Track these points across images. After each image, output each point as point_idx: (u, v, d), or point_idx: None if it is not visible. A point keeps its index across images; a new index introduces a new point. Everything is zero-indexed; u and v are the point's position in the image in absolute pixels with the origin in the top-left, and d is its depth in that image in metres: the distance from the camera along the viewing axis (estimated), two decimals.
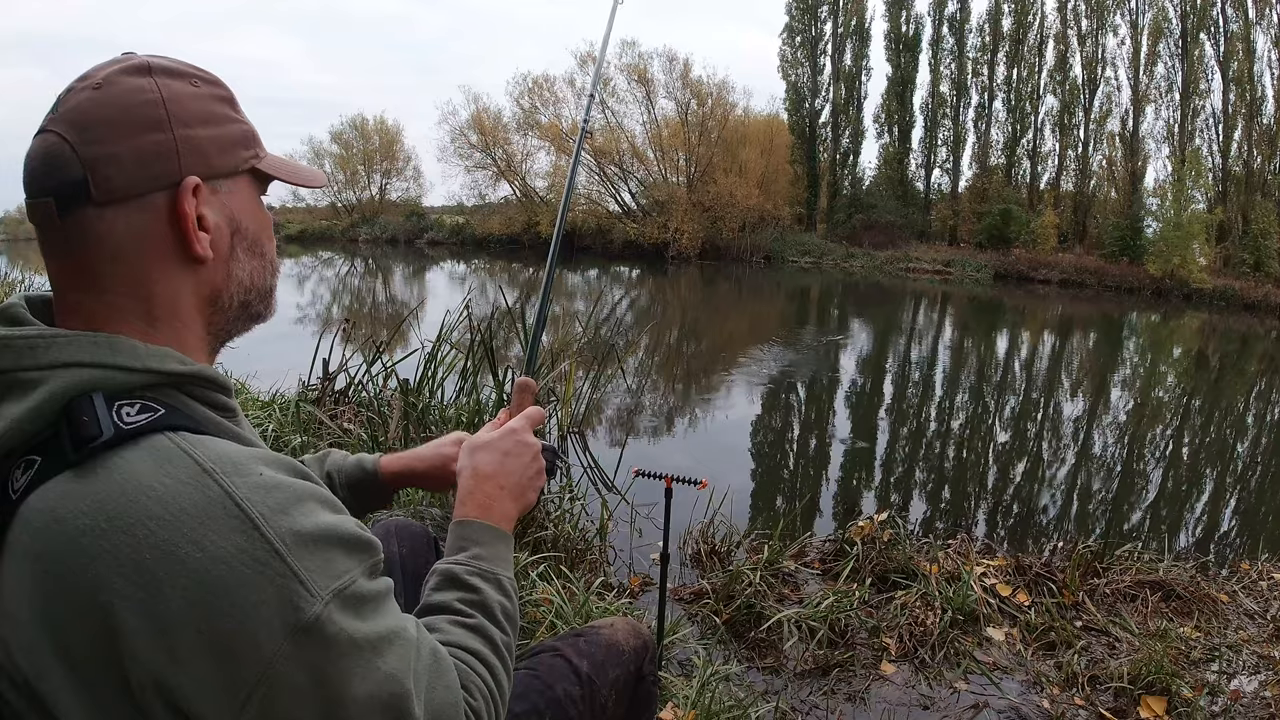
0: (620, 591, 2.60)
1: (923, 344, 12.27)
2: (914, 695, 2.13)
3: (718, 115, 31.87)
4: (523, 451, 0.82)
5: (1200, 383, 10.45)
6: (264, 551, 0.50)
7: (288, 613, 0.49)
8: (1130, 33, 30.00)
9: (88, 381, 0.54)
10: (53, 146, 0.56)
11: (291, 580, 0.50)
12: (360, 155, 39.51)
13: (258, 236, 0.66)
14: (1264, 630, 2.58)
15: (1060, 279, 25.90)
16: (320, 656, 0.51)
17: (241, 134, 0.65)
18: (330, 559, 0.53)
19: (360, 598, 0.54)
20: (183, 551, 0.48)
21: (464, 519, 0.77)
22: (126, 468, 0.51)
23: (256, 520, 0.50)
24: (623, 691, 0.99)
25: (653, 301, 17.56)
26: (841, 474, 5.11)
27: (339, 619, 0.51)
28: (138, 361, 0.56)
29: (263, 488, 0.52)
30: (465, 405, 3.67)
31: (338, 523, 0.55)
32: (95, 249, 0.57)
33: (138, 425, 0.53)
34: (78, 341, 0.55)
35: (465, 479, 0.80)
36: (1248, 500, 5.27)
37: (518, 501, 0.81)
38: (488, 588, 0.72)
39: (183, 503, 0.49)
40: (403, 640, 0.56)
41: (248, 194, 0.65)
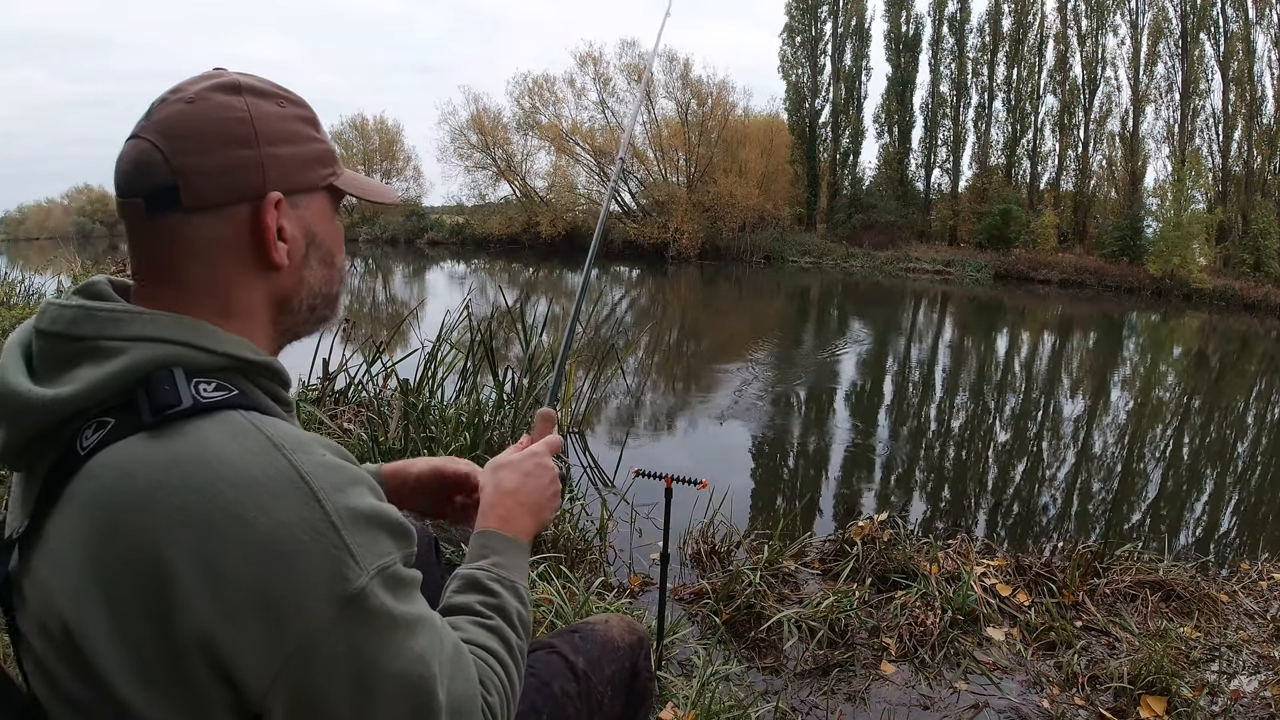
0: (620, 591, 2.60)
1: (923, 344, 12.28)
2: (914, 695, 2.13)
3: (718, 115, 31.87)
4: (542, 474, 0.87)
5: (1200, 383, 10.45)
6: (322, 523, 0.53)
7: (336, 582, 0.53)
8: (1130, 33, 30.01)
9: (169, 356, 0.58)
10: (145, 153, 0.60)
11: (344, 552, 0.53)
12: (360, 155, 39.54)
13: (330, 248, 0.71)
14: (1264, 630, 2.58)
15: (1060, 279, 25.89)
16: (360, 628, 0.54)
17: (320, 153, 0.69)
18: (376, 539, 0.56)
19: (399, 580, 0.57)
20: (249, 514, 0.52)
21: (486, 529, 0.82)
22: (202, 435, 0.54)
23: (318, 493, 0.54)
24: (619, 687, 1.00)
25: (652, 301, 17.56)
26: (841, 474, 5.11)
27: (380, 595, 0.55)
28: (217, 345, 0.60)
29: (324, 466, 0.56)
30: (465, 405, 3.66)
31: (385, 508, 0.59)
32: (178, 249, 0.62)
33: (214, 400, 0.57)
34: (161, 320, 0.60)
35: (488, 494, 0.85)
36: (1248, 500, 5.27)
37: (535, 518, 0.85)
38: (506, 594, 0.75)
39: (253, 471, 0.53)
40: (431, 627, 0.60)
41: (323, 209, 0.70)
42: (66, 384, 0.57)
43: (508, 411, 3.67)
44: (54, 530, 0.55)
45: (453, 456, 1.07)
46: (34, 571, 0.56)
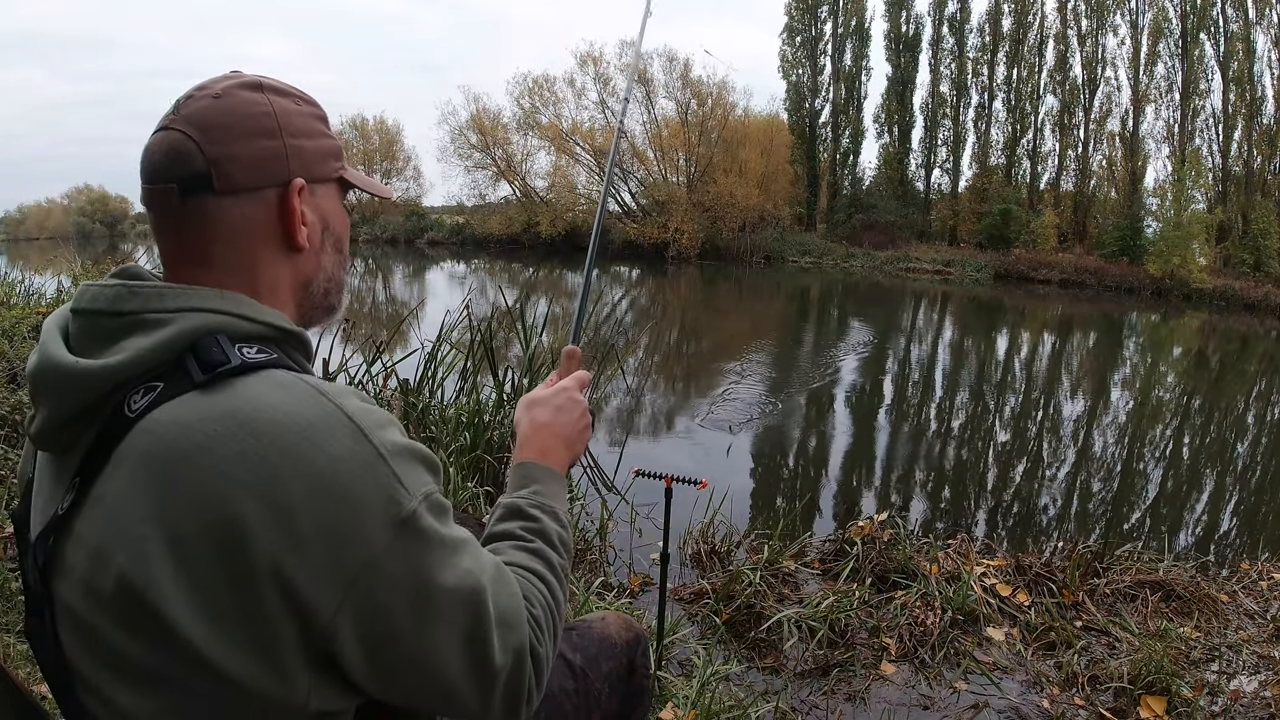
0: (620, 591, 2.60)
1: (923, 344, 12.27)
2: (914, 695, 2.13)
3: (718, 115, 31.86)
4: (573, 407, 0.91)
5: (1200, 383, 10.45)
6: (372, 455, 0.58)
7: (391, 507, 0.57)
8: (1130, 33, 29.99)
9: (215, 324, 0.62)
10: (178, 142, 0.64)
11: (394, 480, 0.58)
12: (360, 155, 39.49)
13: (341, 235, 0.77)
14: (1264, 630, 2.58)
15: (1060, 279, 25.88)
16: (415, 548, 0.58)
17: (332, 147, 0.75)
18: (417, 469, 0.61)
19: (441, 506, 0.62)
20: (305, 451, 0.56)
21: (523, 461, 0.86)
22: (251, 389, 0.58)
23: (365, 430, 0.58)
24: (616, 684, 1.02)
25: (652, 301, 17.56)
26: (841, 474, 5.11)
27: (429, 518, 0.60)
28: (259, 315, 0.65)
29: (365, 409, 0.60)
30: (465, 405, 3.66)
31: (418, 444, 0.64)
32: (210, 231, 0.66)
33: (260, 360, 0.61)
34: (205, 292, 0.64)
35: (524, 428, 0.89)
36: (1248, 500, 5.27)
37: (570, 450, 0.89)
38: (545, 518, 0.80)
39: (305, 413, 0.57)
40: (473, 546, 0.64)
41: (335, 199, 0.76)
42: (115, 354, 0.60)
43: (508, 411, 3.67)
44: (104, 493, 0.57)
45: None
46: (79, 538, 0.58)
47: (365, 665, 0.58)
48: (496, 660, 0.62)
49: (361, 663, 0.58)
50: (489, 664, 0.61)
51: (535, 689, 0.66)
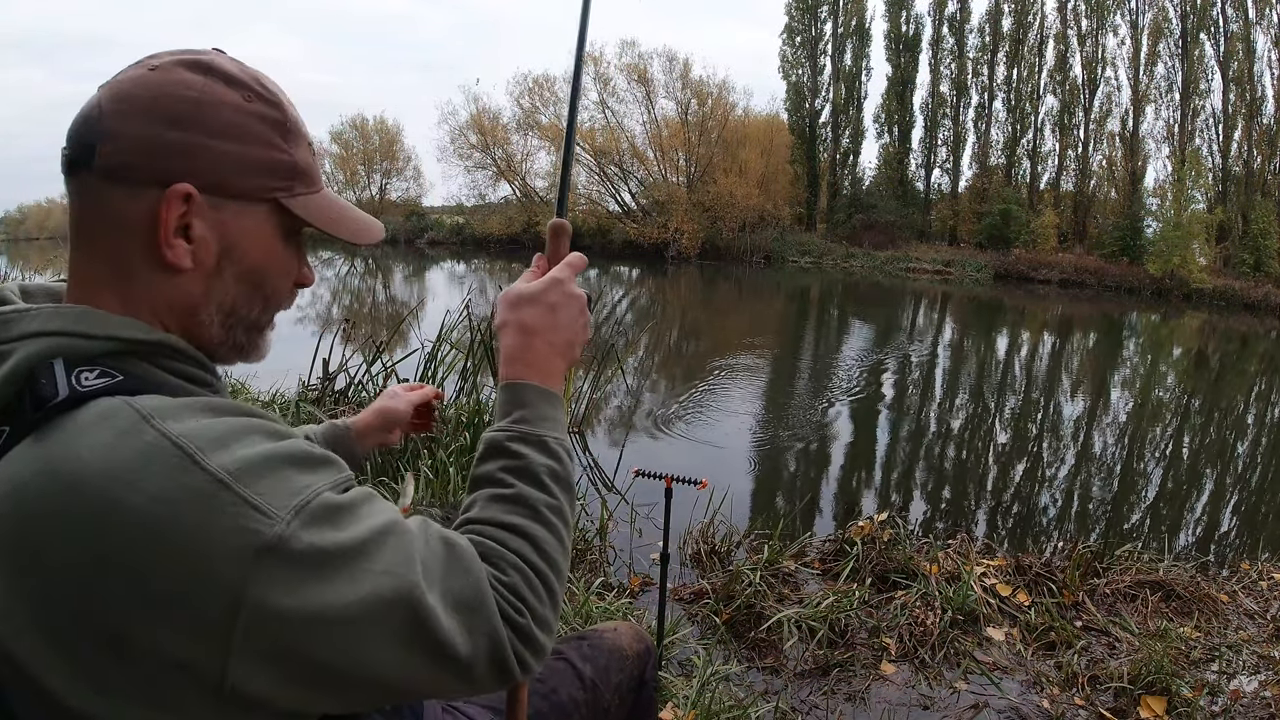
0: (620, 591, 2.60)
1: (922, 344, 12.27)
2: (914, 695, 2.13)
3: (718, 115, 31.88)
4: (569, 303, 0.75)
5: (1200, 383, 10.45)
6: (205, 484, 0.49)
7: (243, 537, 0.48)
8: (1130, 33, 30.03)
9: (51, 349, 0.55)
10: (90, 107, 0.58)
11: (242, 505, 0.49)
12: (360, 155, 39.55)
13: (258, 268, 0.63)
14: (1264, 630, 2.58)
15: (1060, 279, 25.90)
16: (295, 574, 0.49)
17: (273, 162, 0.62)
18: (283, 479, 0.52)
19: (331, 508, 0.53)
20: (127, 499, 0.48)
21: (510, 380, 0.72)
22: (75, 428, 0.51)
23: (196, 454, 0.49)
24: (625, 696, 1.00)
25: (653, 301, 17.56)
26: (841, 474, 5.11)
27: (306, 534, 0.50)
28: (99, 329, 0.56)
29: (200, 427, 0.52)
30: (465, 405, 3.66)
31: (285, 445, 0.54)
32: (86, 211, 0.59)
33: (92, 388, 0.53)
34: (43, 313, 0.56)
35: (510, 336, 0.74)
36: (1248, 500, 5.27)
37: (565, 357, 0.75)
38: (531, 451, 0.68)
39: (123, 452, 0.49)
40: (395, 535, 0.55)
41: (261, 225, 0.62)
42: None
43: None
44: None
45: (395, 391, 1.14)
46: None
47: (299, 701, 0.52)
48: (461, 650, 0.55)
49: (293, 700, 0.52)
50: (452, 655, 0.54)
51: (531, 654, 0.59)
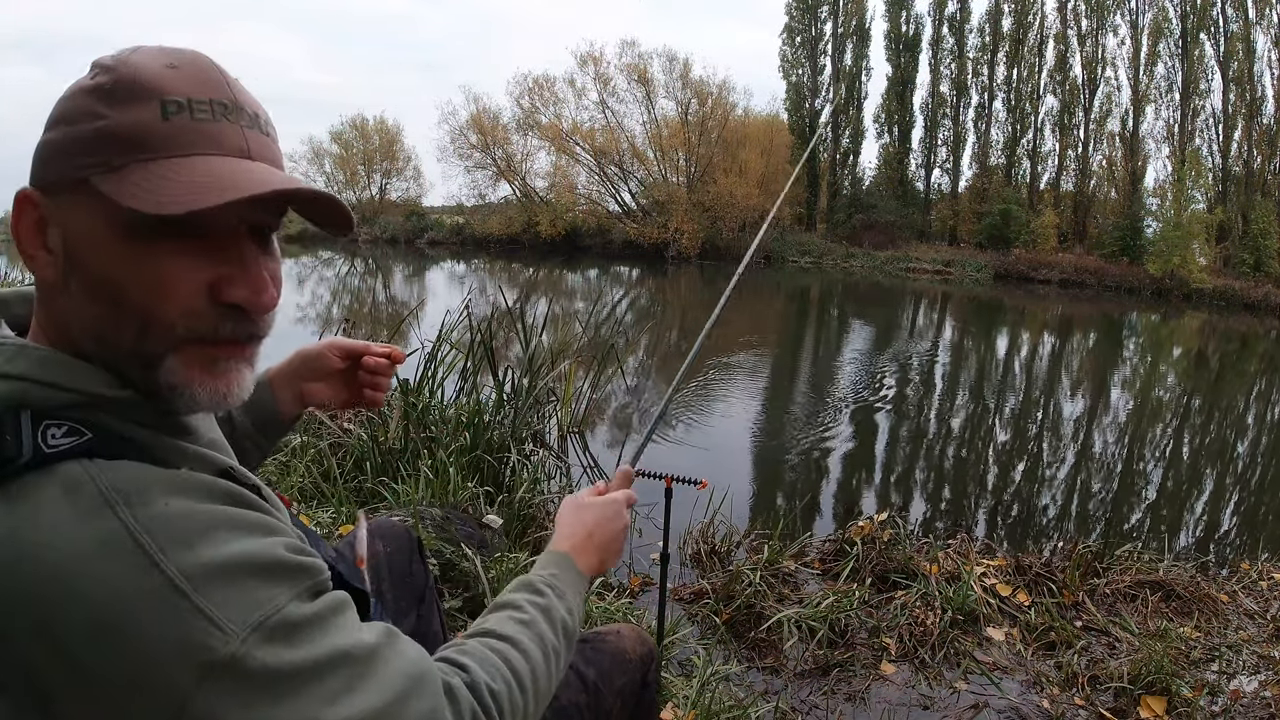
0: (620, 591, 2.60)
1: (922, 344, 12.27)
2: (914, 695, 2.13)
3: (718, 115, 31.90)
4: (618, 519, 0.90)
5: (1200, 383, 10.45)
6: (164, 588, 0.46)
7: (197, 652, 0.46)
8: (1130, 33, 30.04)
9: (14, 395, 0.51)
10: None
11: (197, 618, 0.46)
12: (360, 155, 39.51)
13: (106, 278, 0.53)
14: (1264, 630, 2.58)
15: (1060, 279, 25.91)
16: (243, 693, 0.46)
17: (90, 135, 0.52)
18: (246, 590, 0.48)
19: (291, 625, 0.49)
20: (82, 587, 0.45)
21: (557, 550, 0.84)
22: (35, 496, 0.48)
23: (154, 554, 0.46)
24: (628, 699, 0.99)
25: (653, 301, 17.56)
26: (841, 474, 5.11)
27: (261, 653, 0.47)
28: (63, 379, 0.52)
29: (165, 518, 0.48)
30: (465, 405, 3.66)
31: (258, 549, 0.50)
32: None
33: (58, 449, 0.49)
34: (7, 351, 0.52)
35: (568, 525, 0.87)
36: (1248, 500, 5.27)
37: (600, 558, 0.87)
38: (554, 597, 0.76)
39: (82, 536, 0.46)
40: (353, 661, 0.51)
41: (91, 216, 0.52)
42: None
43: (508, 411, 3.67)
44: None
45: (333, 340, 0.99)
46: None
47: None
48: None
49: None
50: None
51: None
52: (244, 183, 0.52)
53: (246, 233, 0.56)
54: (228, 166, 0.53)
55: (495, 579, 2.13)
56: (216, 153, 0.54)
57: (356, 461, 3.01)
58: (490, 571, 2.14)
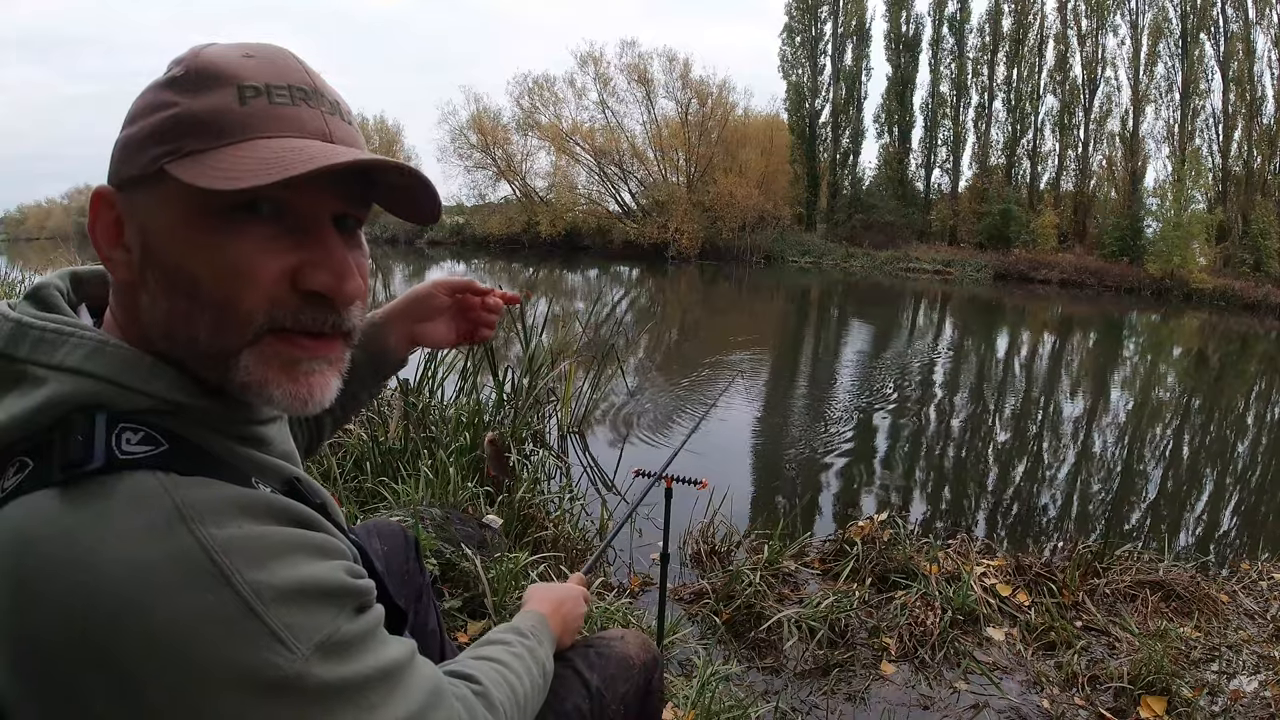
0: (620, 591, 2.60)
1: (922, 344, 12.27)
2: (914, 695, 2.13)
3: (718, 115, 31.92)
4: (577, 605, 1.00)
5: (1200, 383, 10.45)
6: (235, 608, 0.46)
7: (264, 671, 0.46)
8: (1130, 33, 30.06)
9: (90, 395, 0.50)
10: None
11: (268, 638, 0.46)
12: None
13: (181, 267, 0.51)
14: (1264, 630, 2.58)
15: (1060, 279, 25.92)
16: (300, 709, 0.48)
17: (159, 124, 0.51)
18: (312, 612, 0.49)
19: (345, 643, 0.51)
20: (147, 603, 0.44)
21: (533, 610, 0.92)
22: (106, 504, 0.47)
23: (231, 572, 0.46)
24: (631, 705, 0.98)
25: (652, 301, 17.56)
26: (841, 474, 5.11)
27: (320, 671, 0.48)
28: (142, 384, 0.51)
29: (240, 539, 0.48)
30: (465, 405, 3.66)
31: (323, 572, 0.51)
32: None
33: (133, 457, 0.49)
34: (85, 345, 0.51)
35: (539, 597, 0.97)
36: (1248, 500, 5.27)
37: (563, 627, 0.95)
38: (535, 642, 0.83)
39: (153, 551, 0.46)
40: (389, 671, 0.54)
41: (166, 206, 0.51)
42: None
43: (508, 411, 3.68)
44: None
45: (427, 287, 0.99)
46: None
47: None
48: None
49: None
50: None
51: None
52: (321, 156, 0.51)
53: (331, 222, 0.55)
54: (306, 144, 0.52)
55: (495, 579, 2.13)
56: (297, 135, 0.53)
57: (356, 461, 3.01)
58: (490, 571, 2.14)
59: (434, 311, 0.98)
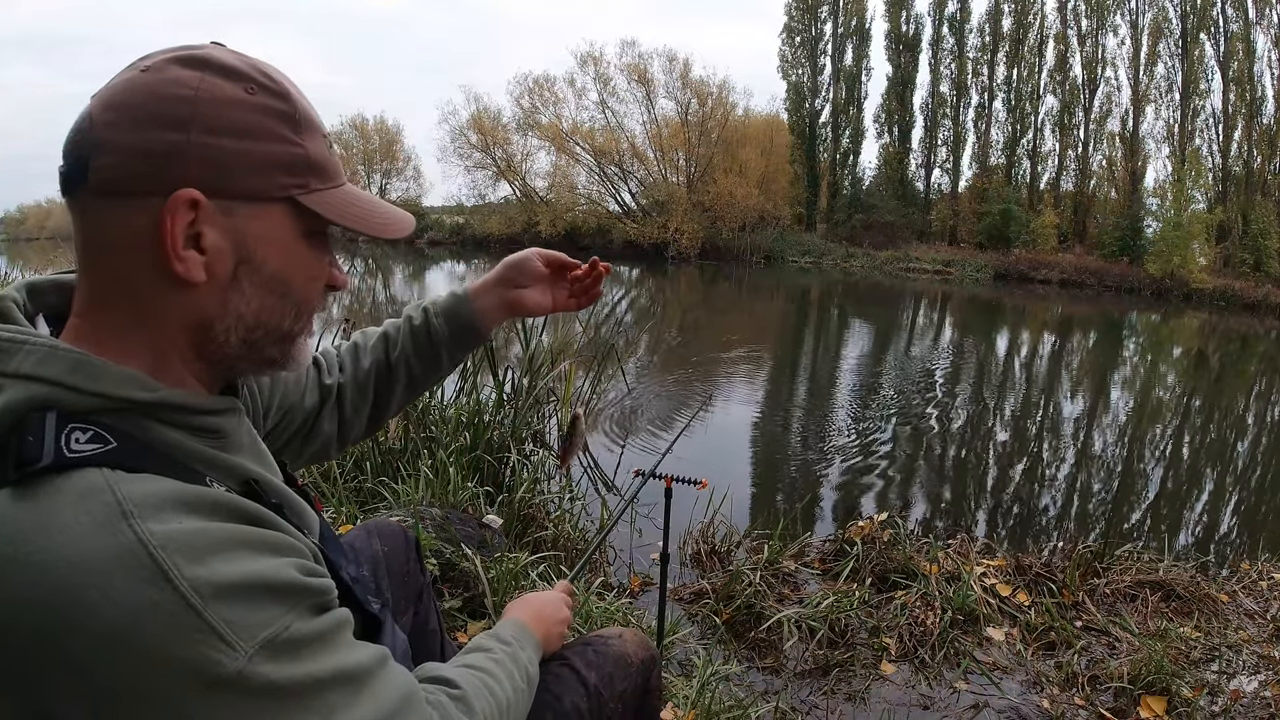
0: (620, 591, 2.60)
1: (922, 344, 12.27)
2: (914, 695, 2.13)
3: (718, 115, 31.93)
4: (559, 611, 0.98)
5: (1200, 383, 10.45)
6: (175, 604, 0.46)
7: (205, 667, 0.47)
8: (1130, 33, 30.07)
9: (42, 398, 0.52)
10: (81, 119, 0.55)
11: (208, 635, 0.47)
12: (360, 155, 39.54)
13: (280, 274, 0.60)
14: (1264, 630, 2.58)
15: (1060, 279, 25.92)
16: (247, 708, 0.48)
17: (286, 157, 0.58)
18: (255, 608, 0.49)
19: (295, 641, 0.51)
20: (90, 599, 0.45)
21: (514, 617, 0.92)
22: (52, 501, 0.48)
23: (169, 570, 0.47)
24: (629, 704, 0.98)
25: (653, 301, 17.56)
26: (841, 474, 5.10)
27: (267, 669, 0.49)
28: (92, 384, 0.53)
29: (179, 534, 0.48)
30: (465, 405, 3.66)
31: (269, 568, 0.51)
32: (88, 233, 0.56)
33: (81, 455, 0.50)
34: (37, 351, 0.53)
35: (520, 607, 0.96)
36: (1248, 500, 5.27)
37: (546, 635, 0.94)
38: (518, 647, 0.84)
39: (95, 547, 0.47)
40: (352, 674, 0.54)
41: (278, 225, 0.59)
42: None
43: (508, 411, 3.67)
44: None
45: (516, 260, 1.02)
46: None
47: None
48: None
49: None
50: None
51: None
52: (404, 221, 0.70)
53: None
54: (363, 196, 0.66)
55: (495, 579, 2.13)
56: (345, 180, 0.65)
57: (356, 461, 3.01)
58: (490, 571, 2.14)
59: (532, 278, 1.01)
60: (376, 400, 0.98)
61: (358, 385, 0.96)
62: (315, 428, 0.93)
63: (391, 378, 0.98)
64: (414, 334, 0.99)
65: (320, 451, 0.95)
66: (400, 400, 1.00)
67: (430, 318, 0.98)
